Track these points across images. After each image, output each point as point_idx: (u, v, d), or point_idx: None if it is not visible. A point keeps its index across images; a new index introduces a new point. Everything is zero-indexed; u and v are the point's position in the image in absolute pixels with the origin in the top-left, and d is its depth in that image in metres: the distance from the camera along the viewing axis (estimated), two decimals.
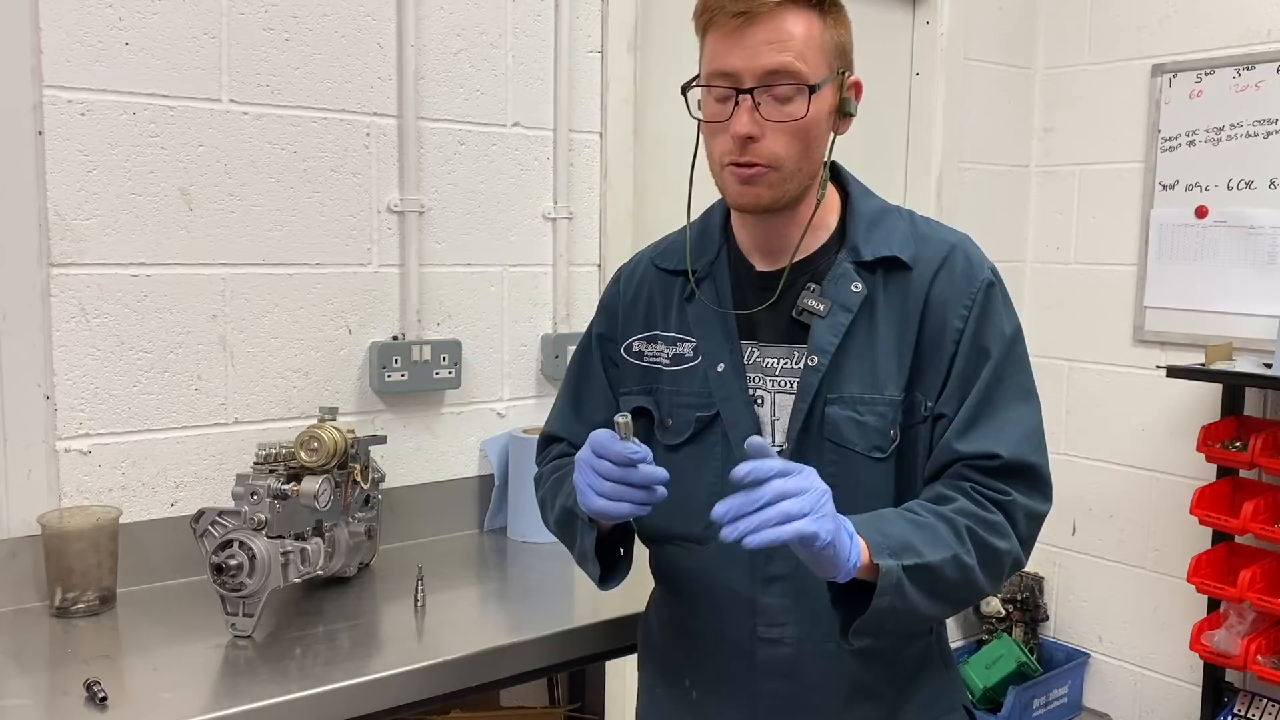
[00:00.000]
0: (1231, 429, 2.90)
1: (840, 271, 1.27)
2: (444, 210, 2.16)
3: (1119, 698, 3.31)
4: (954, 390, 1.24)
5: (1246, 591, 2.69)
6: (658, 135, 2.54)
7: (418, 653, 1.57)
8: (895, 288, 1.27)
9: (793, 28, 1.18)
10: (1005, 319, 1.27)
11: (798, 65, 1.18)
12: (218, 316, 1.91)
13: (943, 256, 1.27)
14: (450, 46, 2.14)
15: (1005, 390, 1.24)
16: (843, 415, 1.25)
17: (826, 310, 1.26)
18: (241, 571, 1.53)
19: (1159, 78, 3.09)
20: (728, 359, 1.30)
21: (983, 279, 1.27)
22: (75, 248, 1.76)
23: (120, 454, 1.83)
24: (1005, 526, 1.19)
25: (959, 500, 1.19)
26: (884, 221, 1.31)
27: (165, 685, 1.44)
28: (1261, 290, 2.90)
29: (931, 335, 1.25)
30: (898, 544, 1.12)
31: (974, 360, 1.24)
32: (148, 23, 1.80)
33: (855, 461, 1.25)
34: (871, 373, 1.25)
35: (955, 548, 1.15)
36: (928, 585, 1.13)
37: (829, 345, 1.25)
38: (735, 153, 1.21)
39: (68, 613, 1.68)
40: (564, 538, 1.40)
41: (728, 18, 1.18)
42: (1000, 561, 1.20)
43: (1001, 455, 1.20)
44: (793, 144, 1.21)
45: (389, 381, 2.07)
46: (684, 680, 1.38)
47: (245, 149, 1.91)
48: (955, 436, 1.22)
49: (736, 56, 1.19)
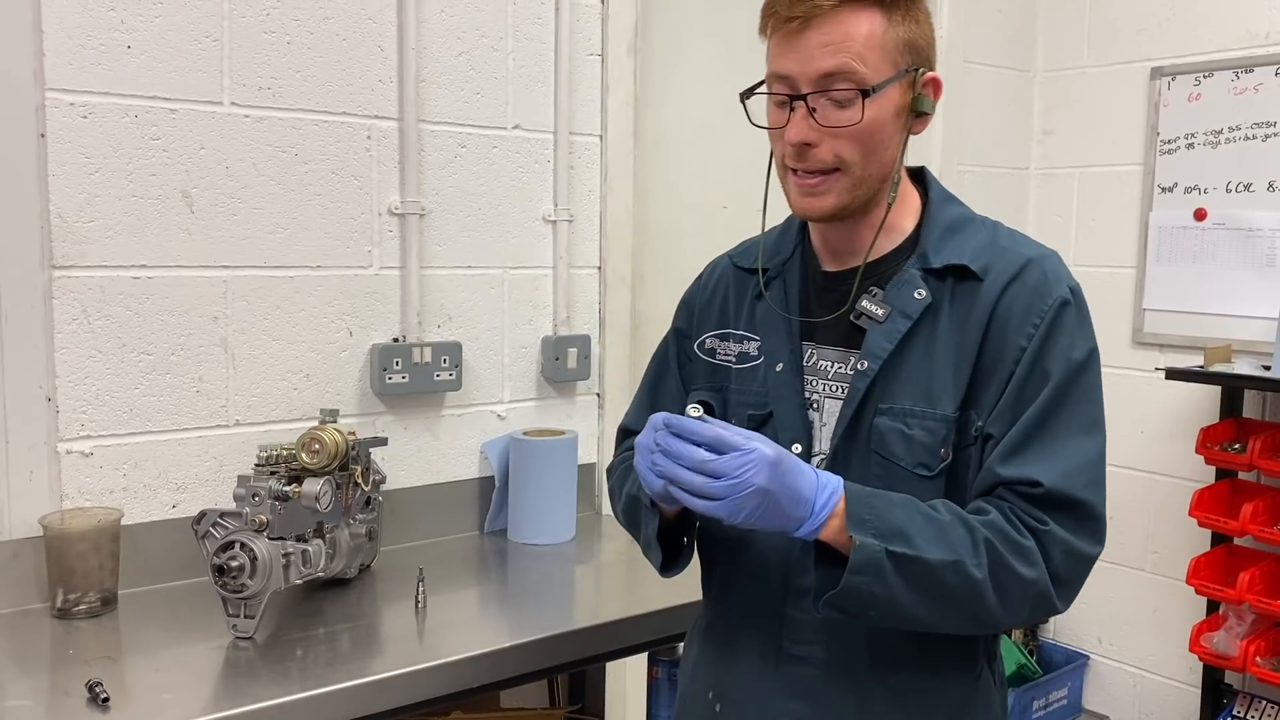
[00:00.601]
0: (1230, 431, 2.90)
1: (905, 277, 1.22)
2: (445, 212, 2.16)
3: (1118, 700, 3.31)
4: (1005, 410, 1.16)
5: (1245, 593, 2.69)
6: (658, 138, 2.54)
7: (418, 654, 1.58)
8: (962, 299, 1.20)
9: (851, 28, 1.14)
10: (1076, 342, 1.17)
11: (855, 66, 1.14)
12: (219, 318, 1.91)
13: (1016, 270, 1.20)
14: (451, 49, 2.15)
15: (1063, 417, 1.15)
16: (891, 427, 1.19)
17: (885, 315, 1.21)
18: (243, 573, 1.53)
19: (1158, 80, 3.10)
20: (787, 359, 1.27)
21: (1057, 296, 1.18)
22: (77, 250, 1.77)
23: (122, 456, 1.83)
24: (1035, 554, 1.11)
25: (991, 514, 1.12)
26: (962, 230, 1.25)
27: (167, 686, 1.44)
28: (1260, 292, 2.90)
29: (993, 352, 1.17)
30: (888, 527, 1.08)
31: (1032, 381, 1.15)
32: (150, 26, 1.81)
33: (899, 477, 1.18)
34: (926, 385, 1.18)
35: (962, 554, 1.09)
36: (917, 581, 1.08)
37: (881, 351, 1.20)
38: (793, 158, 1.19)
39: (69, 614, 1.68)
40: (630, 526, 1.37)
41: (783, 21, 1.15)
42: (1019, 587, 1.11)
43: (1043, 484, 1.12)
44: (854, 148, 1.17)
45: (390, 383, 2.08)
46: (708, 691, 1.35)
47: (246, 152, 1.92)
48: (999, 460, 1.15)
49: (791, 60, 1.16)
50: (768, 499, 1.06)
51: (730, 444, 1.06)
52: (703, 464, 1.06)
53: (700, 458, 1.06)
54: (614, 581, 2.06)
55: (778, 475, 1.06)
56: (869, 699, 1.21)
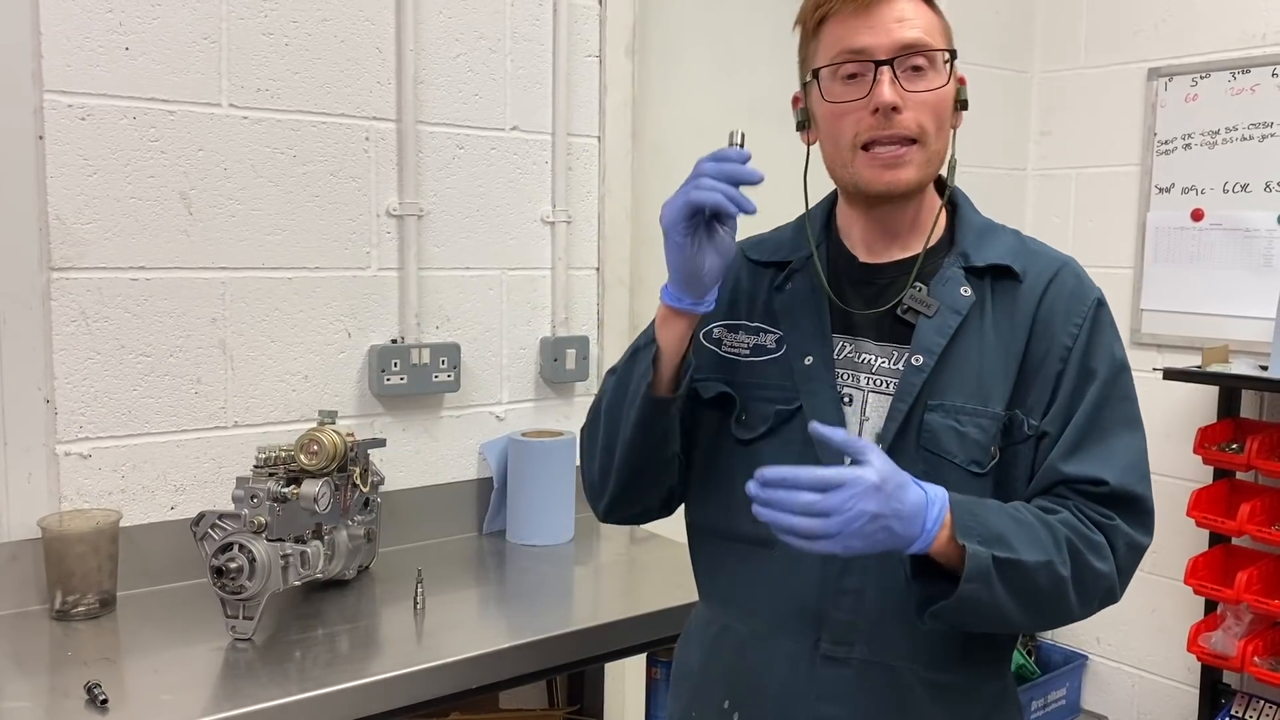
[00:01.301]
0: (1228, 431, 2.91)
1: (949, 275, 1.23)
2: (443, 214, 2.16)
3: (1117, 700, 3.32)
4: (1060, 409, 1.19)
5: (1243, 593, 2.69)
6: (656, 139, 2.54)
7: (417, 655, 1.58)
8: (1004, 299, 1.23)
9: (914, 11, 1.19)
10: (1115, 342, 1.24)
11: (927, 39, 1.18)
12: (217, 320, 1.91)
13: (1053, 272, 1.24)
14: (449, 51, 2.15)
15: (1113, 414, 1.20)
16: (943, 424, 1.19)
17: (934, 311, 1.21)
18: (241, 574, 1.53)
19: (1155, 81, 3.10)
20: (817, 351, 1.24)
21: (1094, 298, 1.24)
22: (75, 252, 1.77)
23: (120, 457, 1.83)
24: (1106, 549, 1.15)
25: (1063, 513, 1.15)
26: (993, 234, 1.29)
27: (165, 688, 1.44)
28: (1257, 292, 2.91)
29: (1039, 352, 1.20)
30: (990, 533, 1.09)
31: (1081, 380, 1.20)
32: (148, 28, 1.81)
33: (950, 474, 1.17)
34: (977, 383, 1.19)
35: (1052, 554, 1.11)
36: (1016, 584, 1.09)
37: (935, 346, 1.20)
38: (878, 126, 1.17)
39: (68, 615, 1.68)
40: (615, 405, 1.27)
41: (851, 3, 1.18)
42: (1096, 583, 1.15)
43: (1109, 482, 1.16)
44: (932, 118, 1.19)
45: (388, 385, 2.08)
46: (723, 702, 1.28)
47: (245, 153, 1.92)
48: (1060, 458, 1.17)
49: (866, 34, 1.17)
50: (878, 523, 1.04)
51: (833, 481, 1.04)
52: (810, 506, 1.03)
53: (805, 501, 1.03)
54: (613, 582, 2.06)
55: (885, 499, 1.04)
56: (908, 698, 1.20)
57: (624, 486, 1.29)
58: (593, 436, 1.32)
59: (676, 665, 1.42)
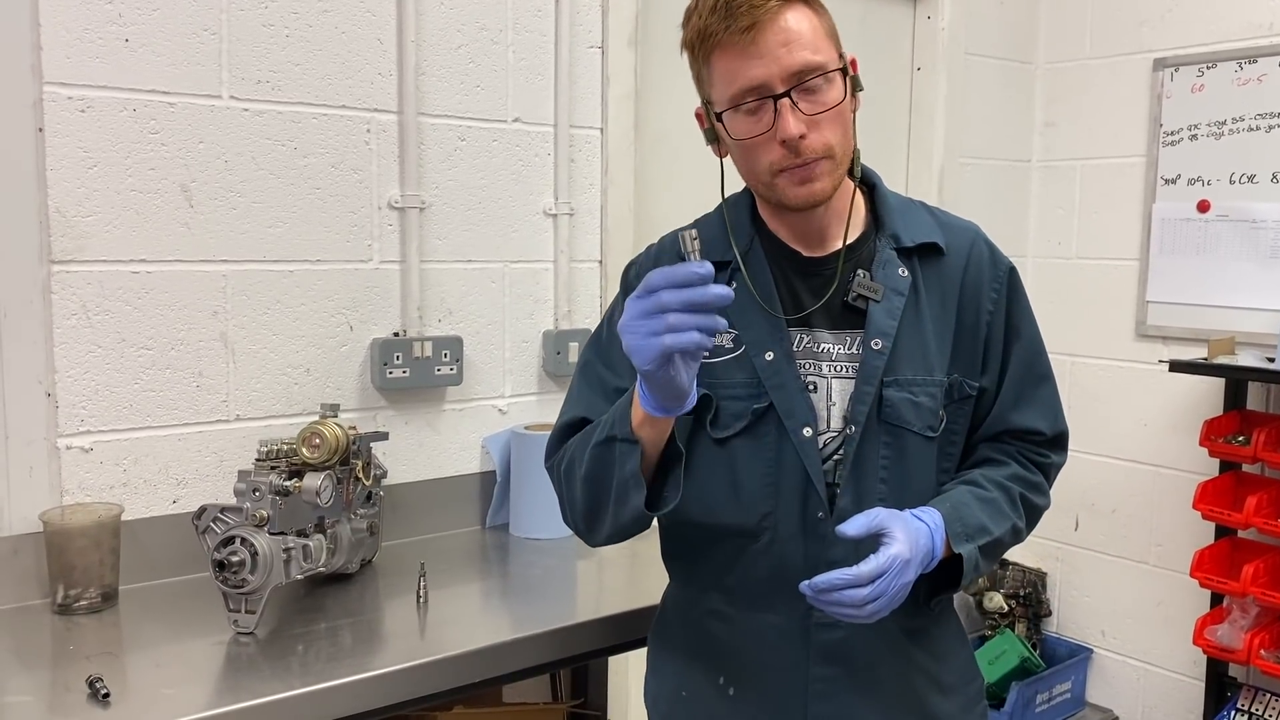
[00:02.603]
0: (1234, 423, 2.89)
1: (885, 257, 1.32)
2: (445, 206, 2.15)
3: (1122, 693, 3.31)
4: (993, 366, 1.35)
5: (1250, 586, 2.68)
6: (659, 130, 2.53)
7: (420, 649, 1.57)
8: (932, 273, 1.33)
9: (797, 24, 1.20)
10: (1027, 301, 1.39)
11: (817, 58, 1.21)
12: (219, 313, 1.90)
13: (969, 243, 1.37)
14: (450, 42, 2.14)
15: (1039, 368, 1.39)
16: (900, 397, 1.29)
17: (880, 295, 1.29)
18: (244, 568, 1.52)
19: (1160, 72, 3.08)
20: (777, 347, 1.29)
21: (1006, 264, 1.38)
22: (76, 245, 1.76)
23: (122, 451, 1.83)
24: (1044, 485, 1.39)
25: (1010, 465, 1.36)
26: (910, 211, 1.38)
27: (167, 682, 1.44)
28: (1264, 284, 2.89)
29: (968, 319, 1.33)
30: (974, 528, 1.26)
31: (1009, 338, 1.36)
32: (148, 19, 1.80)
33: (909, 441, 1.30)
34: (922, 355, 1.30)
35: (1012, 517, 1.32)
36: (991, 553, 1.29)
37: (889, 328, 1.29)
38: (789, 157, 1.22)
39: (70, 610, 1.68)
40: (597, 482, 1.25)
41: (735, 34, 1.19)
42: (1038, 515, 1.39)
43: (1045, 433, 1.38)
44: (836, 129, 1.24)
45: (390, 378, 2.07)
46: (718, 678, 1.36)
47: (246, 145, 1.91)
48: (1005, 410, 1.36)
49: (758, 67, 1.19)
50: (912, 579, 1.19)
51: (875, 573, 1.15)
52: (866, 601, 1.15)
53: (862, 597, 1.15)
54: (616, 575, 2.05)
55: (916, 554, 1.19)
56: (895, 643, 1.32)
57: (615, 538, 1.33)
58: (570, 494, 1.33)
59: (655, 649, 1.49)
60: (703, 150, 1.35)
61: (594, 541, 1.35)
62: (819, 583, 1.16)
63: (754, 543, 1.30)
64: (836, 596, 1.15)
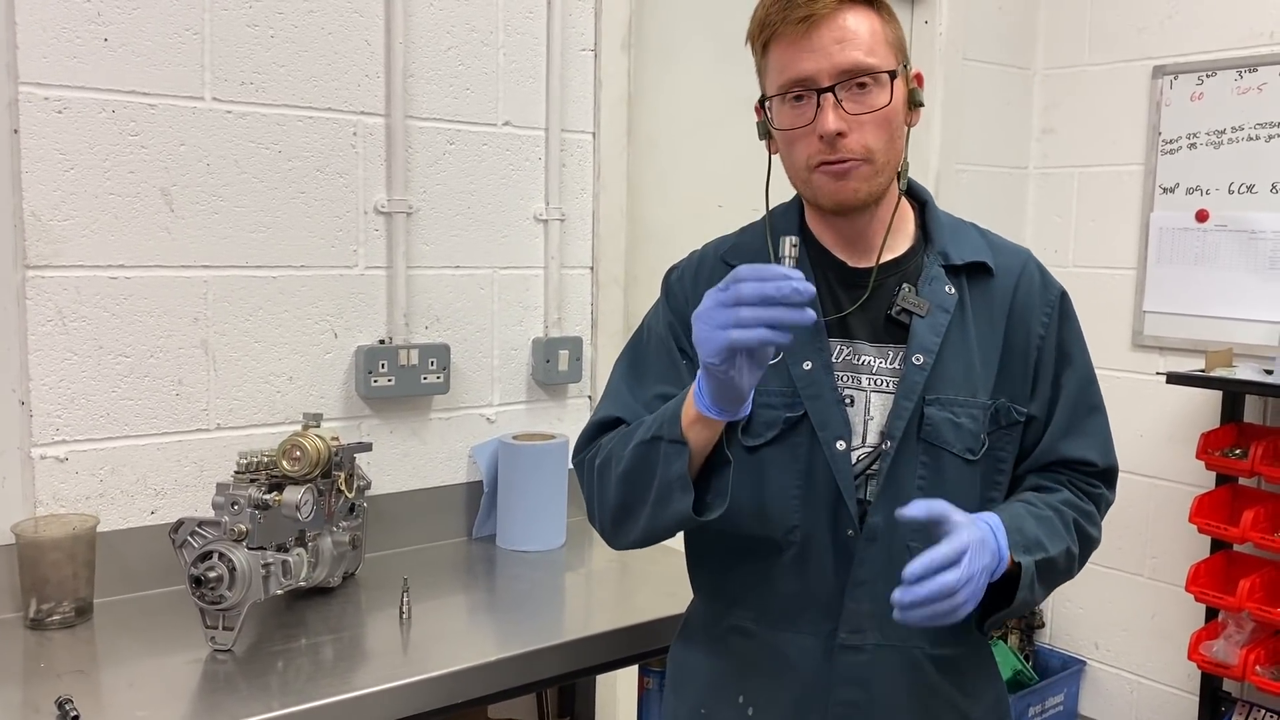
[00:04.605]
0: (1231, 436, 2.87)
1: (933, 274, 1.30)
2: (433, 211, 2.11)
3: (1115, 706, 3.28)
4: (1043, 393, 1.32)
5: (1245, 601, 2.66)
6: (652, 135, 2.50)
7: (403, 667, 1.53)
8: (980, 294, 1.31)
9: (855, 25, 1.21)
10: (1079, 329, 1.37)
11: (869, 60, 1.20)
12: (199, 320, 1.86)
13: (1020, 266, 1.35)
14: (440, 44, 2.10)
15: (1091, 397, 1.36)
16: (941, 416, 1.26)
17: (926, 310, 1.27)
18: (221, 584, 1.49)
19: (1159, 79, 3.06)
20: (816, 357, 1.27)
21: (1058, 289, 1.36)
22: (52, 249, 1.72)
23: (98, 461, 1.78)
24: (1096, 516, 1.35)
25: (1062, 491, 1.32)
26: (961, 230, 1.36)
27: (140, 702, 1.40)
28: (1262, 296, 2.87)
29: (1017, 342, 1.31)
30: (1031, 541, 1.22)
31: (1060, 365, 1.33)
32: (128, 18, 1.75)
33: (947, 462, 1.27)
34: (966, 375, 1.28)
35: (1067, 540, 1.27)
36: (1046, 575, 1.24)
37: (933, 345, 1.26)
38: (825, 151, 1.21)
39: (43, 624, 1.63)
40: (636, 481, 1.22)
41: (791, 25, 1.20)
42: (1091, 547, 1.34)
43: (1098, 464, 1.35)
44: (879, 134, 1.22)
45: (375, 386, 2.03)
46: (737, 697, 1.33)
47: (228, 148, 1.87)
48: (1056, 439, 1.33)
49: (807, 60, 1.20)
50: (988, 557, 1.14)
51: (953, 556, 1.09)
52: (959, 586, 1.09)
53: (955, 580, 1.08)
54: (605, 590, 2.02)
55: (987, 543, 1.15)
56: (918, 673, 1.29)
57: (643, 542, 1.29)
58: (601, 491, 1.30)
59: (677, 665, 1.44)
60: (696, 155, 1.32)
61: (619, 543, 1.31)
62: (915, 570, 1.08)
63: (780, 557, 1.28)
64: (933, 586, 1.07)
